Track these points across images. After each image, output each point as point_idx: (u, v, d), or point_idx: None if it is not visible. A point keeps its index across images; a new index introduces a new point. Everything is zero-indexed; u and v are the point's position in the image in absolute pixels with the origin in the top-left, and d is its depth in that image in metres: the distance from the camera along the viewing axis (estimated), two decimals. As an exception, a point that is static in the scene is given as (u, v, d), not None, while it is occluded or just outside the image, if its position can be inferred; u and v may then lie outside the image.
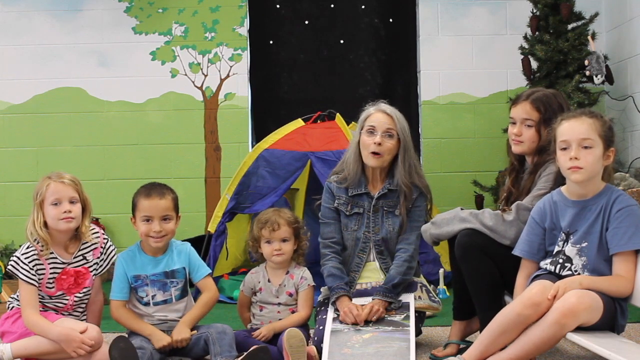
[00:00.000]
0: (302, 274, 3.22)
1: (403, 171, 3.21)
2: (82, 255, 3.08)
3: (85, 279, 3.07)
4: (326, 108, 5.02)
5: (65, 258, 3.04)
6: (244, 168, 4.78)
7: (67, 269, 3.04)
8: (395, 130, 3.22)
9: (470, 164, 5.60)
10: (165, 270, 3.11)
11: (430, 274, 4.53)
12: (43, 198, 2.98)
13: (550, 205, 2.78)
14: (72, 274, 3.04)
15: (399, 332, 2.99)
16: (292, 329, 2.90)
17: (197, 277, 3.17)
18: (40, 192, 2.99)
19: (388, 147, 3.20)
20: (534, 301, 2.54)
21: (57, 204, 2.98)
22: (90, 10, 5.69)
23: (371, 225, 3.25)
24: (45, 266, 3.00)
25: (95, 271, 3.13)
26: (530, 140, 3.00)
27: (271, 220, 3.18)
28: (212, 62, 5.69)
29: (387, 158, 3.22)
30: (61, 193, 2.99)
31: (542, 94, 3.03)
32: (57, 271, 3.02)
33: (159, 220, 3.06)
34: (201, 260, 3.22)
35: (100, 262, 3.14)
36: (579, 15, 4.95)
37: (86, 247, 3.09)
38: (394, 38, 5.80)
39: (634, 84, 5.02)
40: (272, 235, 3.17)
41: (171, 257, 3.14)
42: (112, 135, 5.68)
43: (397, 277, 3.14)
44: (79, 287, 3.06)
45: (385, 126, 3.21)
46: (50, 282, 3.01)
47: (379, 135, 3.19)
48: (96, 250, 3.12)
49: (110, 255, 3.18)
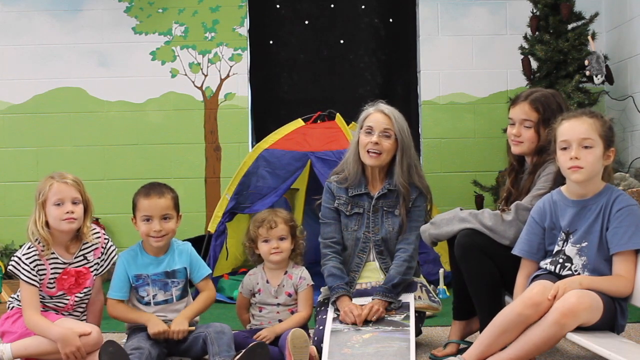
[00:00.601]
0: (300, 274, 3.21)
1: (400, 171, 3.22)
2: (82, 255, 3.08)
3: (86, 279, 3.08)
4: (326, 108, 5.03)
5: (66, 258, 3.04)
6: (244, 168, 4.78)
7: (68, 269, 3.04)
8: (392, 130, 3.22)
9: (470, 164, 5.60)
10: (166, 270, 3.11)
11: (430, 274, 4.53)
12: (45, 198, 2.98)
13: (550, 204, 2.78)
14: (73, 274, 3.04)
15: (399, 332, 2.99)
16: (297, 330, 2.89)
17: (198, 278, 3.17)
18: (42, 192, 2.99)
19: (385, 146, 3.21)
20: (534, 301, 2.54)
21: (59, 204, 2.98)
22: (90, 10, 5.69)
23: (371, 226, 3.25)
24: (46, 266, 3.00)
25: (96, 271, 3.13)
26: (530, 141, 3.00)
27: (268, 218, 3.19)
28: (212, 62, 5.69)
29: (385, 157, 3.23)
30: (64, 193, 2.99)
31: (541, 94, 3.03)
32: (58, 271, 3.02)
33: (159, 219, 3.06)
34: (202, 261, 3.23)
35: (101, 262, 3.14)
36: (579, 15, 4.95)
37: (87, 248, 3.10)
38: (394, 38, 5.80)
39: (634, 84, 5.02)
40: (270, 233, 3.17)
41: (172, 257, 3.14)
42: (112, 135, 5.68)
43: (397, 277, 3.14)
44: (80, 287, 3.07)
45: (383, 126, 3.22)
46: (51, 283, 3.01)
47: (376, 135, 3.20)
48: (97, 251, 3.12)
49: (111, 256, 3.18)
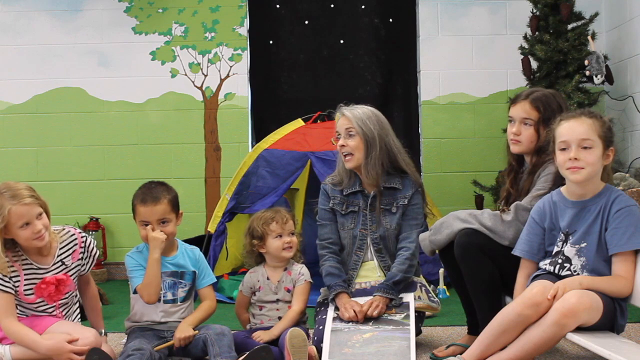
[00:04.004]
0: (300, 270, 3.24)
1: (370, 167, 3.23)
2: (60, 261, 3.01)
3: (67, 285, 3.02)
4: (326, 108, 5.01)
5: (42, 264, 2.97)
6: (244, 168, 4.78)
7: (47, 278, 2.96)
8: (353, 128, 3.24)
9: (470, 164, 5.60)
10: (176, 270, 3.12)
11: (430, 274, 4.53)
12: (7, 223, 2.80)
13: (550, 205, 2.78)
14: (53, 282, 2.96)
15: (399, 332, 2.99)
16: (295, 329, 2.89)
17: (202, 284, 3.19)
18: (1, 218, 2.79)
19: (353, 146, 3.24)
20: (534, 301, 2.54)
21: (26, 225, 2.84)
22: (90, 10, 5.69)
23: (368, 224, 3.26)
24: (20, 273, 2.92)
25: (80, 272, 3.08)
26: (529, 140, 3.00)
27: (278, 215, 3.23)
28: (212, 62, 5.69)
29: (359, 156, 3.25)
30: (28, 215, 2.83)
31: (542, 94, 3.03)
32: (36, 278, 2.95)
33: (157, 224, 3.05)
34: (209, 269, 3.25)
35: (84, 261, 3.08)
36: (579, 15, 4.94)
37: (64, 252, 3.02)
38: (394, 38, 5.80)
39: (634, 84, 5.02)
40: (284, 228, 3.20)
41: (183, 258, 3.15)
42: (112, 135, 5.68)
43: (399, 275, 3.15)
44: (61, 294, 3.01)
45: (344, 127, 3.26)
46: (27, 290, 2.94)
47: (342, 137, 3.25)
48: (75, 253, 3.05)
49: (93, 252, 3.12)
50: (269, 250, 3.22)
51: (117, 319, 3.67)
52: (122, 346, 3.22)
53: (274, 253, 3.22)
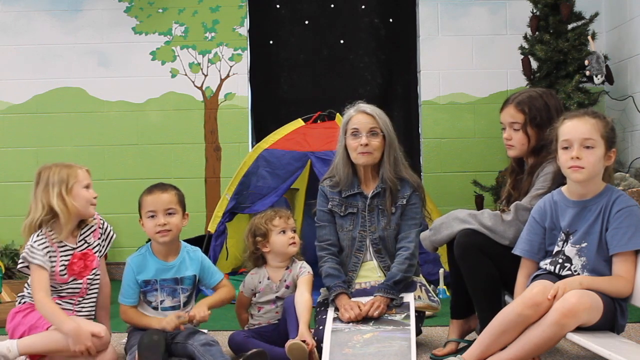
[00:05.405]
0: (301, 265, 3.25)
1: (388, 166, 3.26)
2: (83, 239, 3.11)
3: (92, 261, 3.11)
4: (326, 108, 5.02)
5: (72, 243, 3.07)
6: (244, 168, 4.78)
7: (76, 254, 3.07)
8: (378, 127, 3.25)
9: (470, 164, 5.60)
10: (175, 277, 3.11)
11: (430, 274, 4.53)
12: (76, 181, 3.03)
13: (551, 204, 2.78)
14: (80, 257, 3.07)
15: (400, 332, 3.00)
16: (296, 342, 2.85)
17: (213, 282, 3.21)
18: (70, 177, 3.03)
19: (375, 145, 3.25)
20: (535, 301, 2.54)
21: (87, 187, 3.06)
22: (90, 10, 5.69)
23: (367, 225, 3.26)
24: (57, 252, 3.02)
25: (99, 252, 3.16)
26: (520, 143, 3.02)
27: (280, 212, 3.26)
28: (212, 62, 5.69)
29: (377, 155, 3.27)
30: (88, 179, 3.08)
31: (526, 96, 3.05)
32: (68, 257, 3.05)
33: (163, 214, 3.06)
34: (214, 267, 3.26)
35: (102, 242, 3.18)
36: (579, 15, 4.94)
37: (86, 231, 3.13)
38: (394, 38, 5.80)
39: (634, 84, 5.02)
40: (287, 222, 3.22)
41: (183, 263, 3.14)
42: (112, 135, 5.68)
43: (399, 274, 3.16)
44: (88, 270, 3.09)
45: (369, 126, 3.25)
46: (62, 270, 3.03)
47: (364, 136, 3.23)
48: (96, 232, 3.16)
49: (110, 235, 3.22)
50: (274, 247, 3.22)
51: (117, 318, 3.65)
52: (122, 346, 3.23)
53: (279, 249, 3.22)
